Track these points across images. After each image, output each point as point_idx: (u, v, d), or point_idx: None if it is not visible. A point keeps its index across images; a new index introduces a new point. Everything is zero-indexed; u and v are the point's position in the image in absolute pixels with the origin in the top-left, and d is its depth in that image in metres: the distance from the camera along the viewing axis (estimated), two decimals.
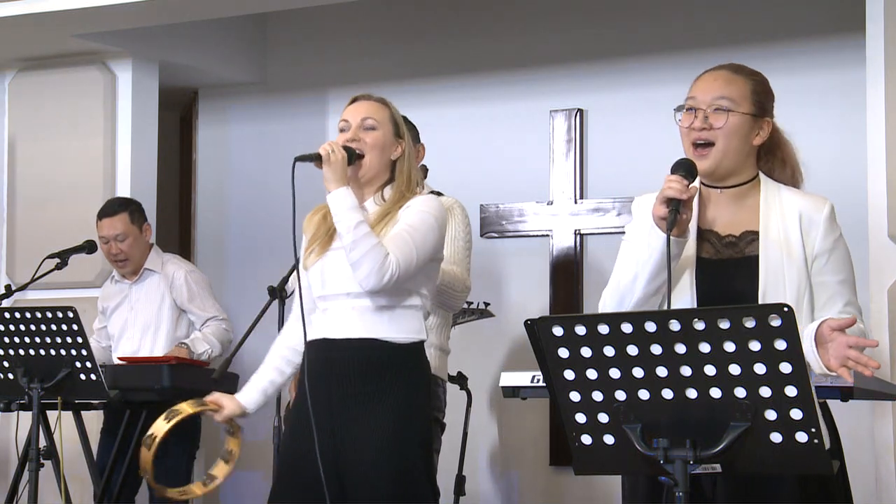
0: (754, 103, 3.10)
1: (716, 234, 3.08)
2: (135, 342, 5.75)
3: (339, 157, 3.62)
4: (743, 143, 3.08)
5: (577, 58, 6.52)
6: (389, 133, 3.75)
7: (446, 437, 4.84)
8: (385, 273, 3.55)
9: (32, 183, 6.80)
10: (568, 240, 6.42)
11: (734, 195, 3.11)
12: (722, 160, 3.07)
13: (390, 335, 3.65)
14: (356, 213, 3.58)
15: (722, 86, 3.10)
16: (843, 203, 5.52)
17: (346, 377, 3.64)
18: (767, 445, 2.56)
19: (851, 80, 5.59)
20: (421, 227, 3.64)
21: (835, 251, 3.05)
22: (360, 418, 3.62)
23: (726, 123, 3.06)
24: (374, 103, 3.79)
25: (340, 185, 3.61)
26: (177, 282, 5.76)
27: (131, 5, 5.91)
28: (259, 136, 7.15)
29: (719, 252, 3.06)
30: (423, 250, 3.63)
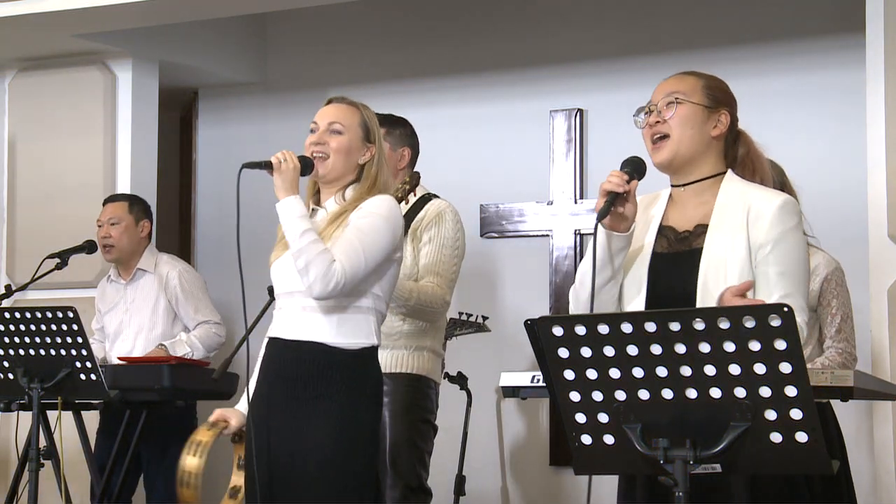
0: (706, 96, 3.15)
1: (673, 230, 3.13)
2: (129, 343, 5.75)
3: (290, 167, 3.66)
4: (697, 132, 3.12)
5: (577, 58, 6.52)
6: (357, 137, 3.77)
7: (446, 438, 4.85)
8: (331, 280, 3.56)
9: (32, 183, 6.80)
10: (568, 240, 6.42)
11: (696, 191, 3.15)
12: (677, 149, 3.11)
13: (337, 340, 3.65)
14: (303, 221, 3.61)
15: (672, 84, 3.18)
16: (843, 203, 5.58)
17: (291, 380, 3.67)
18: (767, 445, 2.56)
19: (851, 80, 5.59)
20: (369, 230, 3.64)
21: (780, 243, 3.02)
22: (301, 423, 3.63)
23: (676, 112, 3.12)
24: (344, 107, 3.82)
25: (289, 193, 3.65)
26: (170, 282, 5.76)
27: (131, 5, 5.91)
28: (259, 136, 7.14)
29: (671, 246, 3.11)
30: (371, 254, 3.63)
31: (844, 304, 4.28)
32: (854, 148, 5.43)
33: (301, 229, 3.60)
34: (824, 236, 4.43)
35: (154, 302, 5.76)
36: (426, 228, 4.50)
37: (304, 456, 3.61)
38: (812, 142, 5.88)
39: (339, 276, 3.56)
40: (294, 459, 3.61)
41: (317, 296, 3.59)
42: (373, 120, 3.82)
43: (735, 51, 6.10)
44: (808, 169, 5.16)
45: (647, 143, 3.17)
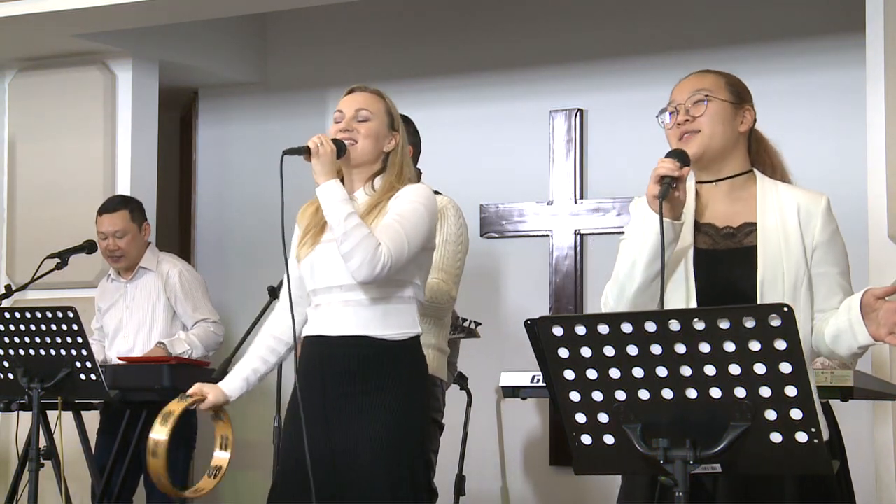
0: (731, 92, 3.15)
1: (713, 227, 3.10)
2: (129, 341, 5.74)
3: (327, 150, 3.62)
4: (727, 127, 3.12)
5: (577, 58, 6.52)
6: (383, 125, 3.75)
7: (446, 437, 4.84)
8: (377, 263, 3.53)
9: (32, 183, 6.80)
10: (568, 240, 6.42)
11: (729, 188, 3.13)
12: (709, 143, 3.10)
13: (384, 332, 3.64)
14: (346, 204, 3.58)
15: (695, 81, 3.17)
16: (843, 203, 5.52)
17: (341, 375, 3.64)
18: (767, 445, 2.56)
19: (851, 80, 5.60)
20: (411, 216, 3.63)
21: (833, 243, 3.06)
22: (355, 417, 3.62)
23: (707, 109, 3.11)
24: (369, 95, 3.80)
25: (329, 177, 3.61)
26: (170, 280, 5.76)
27: (131, 5, 5.91)
28: (259, 136, 7.15)
29: (717, 243, 3.08)
30: (414, 240, 3.61)
31: None
32: (854, 148, 5.43)
33: (345, 213, 3.56)
34: None
35: (154, 300, 5.75)
36: None
37: (363, 449, 3.58)
38: (812, 142, 5.88)
39: (386, 258, 3.54)
40: (354, 454, 3.59)
41: (363, 279, 3.55)
42: (395, 108, 3.82)
43: (735, 51, 6.10)
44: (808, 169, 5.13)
45: (671, 141, 3.14)
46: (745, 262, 3.03)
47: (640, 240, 3.03)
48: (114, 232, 5.74)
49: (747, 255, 3.03)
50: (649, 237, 3.00)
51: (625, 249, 3.12)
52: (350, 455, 3.60)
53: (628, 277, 3.06)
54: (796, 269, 3.02)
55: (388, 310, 3.65)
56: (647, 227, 3.01)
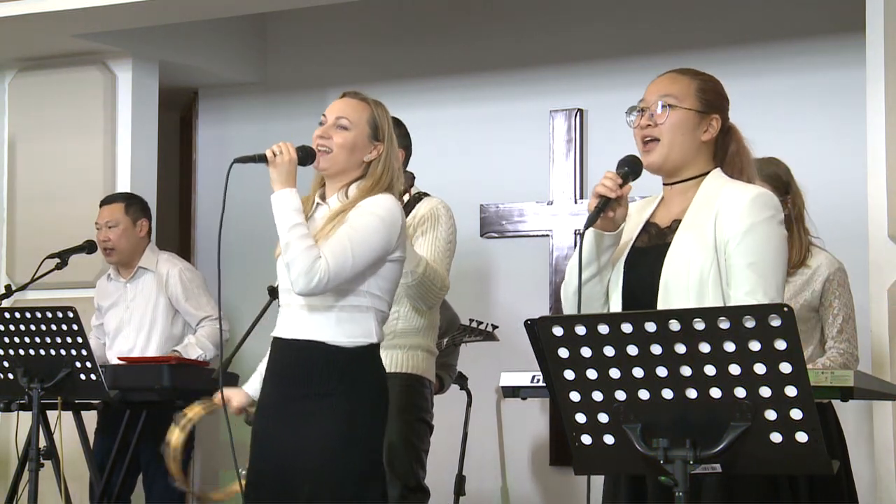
0: (699, 100, 3.14)
1: (656, 226, 3.14)
2: (130, 341, 5.74)
3: (285, 160, 3.64)
4: (688, 137, 3.12)
5: (577, 58, 6.52)
6: (363, 134, 3.74)
7: (446, 438, 4.85)
8: (314, 276, 3.53)
9: (32, 183, 6.80)
10: (568, 240, 6.42)
11: (682, 189, 3.15)
12: (668, 154, 3.11)
13: (336, 338, 3.64)
14: (294, 214, 3.59)
15: (665, 85, 3.16)
16: (842, 203, 5.57)
17: (291, 378, 3.67)
18: (767, 445, 2.56)
19: (851, 80, 5.59)
20: (363, 229, 3.62)
21: (749, 234, 2.99)
22: (302, 421, 3.63)
23: (667, 118, 3.11)
24: (354, 102, 3.79)
25: (284, 186, 3.63)
26: (171, 280, 5.76)
27: (131, 5, 5.91)
28: (259, 136, 7.13)
29: (650, 241, 3.12)
30: (361, 253, 3.60)
31: (846, 305, 4.28)
32: (854, 148, 5.43)
33: (291, 223, 3.58)
34: (824, 236, 4.43)
35: (154, 300, 5.75)
36: (419, 225, 4.50)
37: (305, 454, 3.60)
38: (812, 142, 5.88)
39: (323, 272, 3.54)
40: (296, 458, 3.61)
41: (299, 291, 3.58)
42: (384, 118, 3.78)
43: (735, 51, 6.10)
44: (808, 169, 5.15)
45: (637, 142, 3.17)
46: (660, 259, 3.05)
47: (578, 247, 3.09)
48: (106, 222, 5.77)
49: (662, 252, 3.05)
50: (584, 245, 3.08)
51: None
52: (295, 458, 3.62)
53: (568, 281, 3.15)
54: (703, 262, 3.00)
55: (341, 317, 3.65)
56: (585, 235, 3.08)
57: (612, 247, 3.08)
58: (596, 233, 3.04)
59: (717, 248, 3.00)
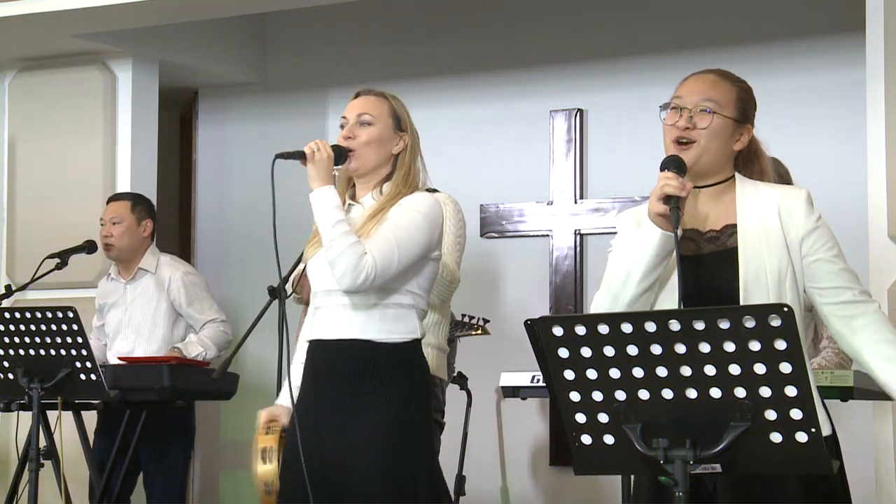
0: (738, 108, 3.11)
1: (697, 232, 3.10)
2: (129, 343, 5.74)
3: (323, 156, 3.60)
4: (724, 145, 3.10)
5: (577, 58, 6.52)
6: (388, 127, 3.72)
7: (446, 437, 4.85)
8: (360, 273, 3.51)
9: (32, 183, 6.80)
10: (568, 240, 6.42)
11: (712, 193, 3.12)
12: (701, 157, 3.07)
13: (381, 335, 3.62)
14: (336, 211, 3.56)
15: (708, 88, 3.12)
16: (843, 203, 5.57)
17: (340, 378, 3.62)
18: (767, 445, 2.56)
19: (851, 80, 5.59)
20: (407, 225, 3.60)
21: (819, 230, 3.05)
22: (352, 419, 3.60)
23: (710, 124, 3.07)
24: (372, 98, 3.77)
25: (323, 183, 3.59)
26: (173, 285, 5.74)
27: (131, 5, 5.91)
28: (259, 136, 7.15)
29: (700, 248, 3.08)
30: (406, 250, 3.58)
31: None
32: (854, 148, 5.43)
33: (334, 220, 3.54)
34: None
35: (155, 303, 5.75)
36: None
37: (358, 452, 3.57)
38: (812, 142, 5.89)
39: (370, 269, 3.51)
40: (349, 456, 3.57)
41: (346, 288, 3.54)
42: (402, 108, 3.78)
43: (735, 51, 6.11)
44: (808, 168, 5.15)
45: (666, 138, 3.11)
46: (727, 264, 3.02)
47: (636, 252, 3.01)
48: (110, 218, 5.77)
49: (730, 257, 3.03)
50: (647, 251, 2.98)
51: (615, 260, 3.11)
52: (345, 457, 3.58)
53: (621, 288, 3.02)
54: (779, 264, 3.00)
55: (384, 314, 3.63)
56: (645, 240, 2.99)
57: (671, 252, 3.00)
58: (663, 234, 2.95)
59: (789, 248, 3.01)
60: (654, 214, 2.96)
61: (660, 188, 2.96)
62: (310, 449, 3.57)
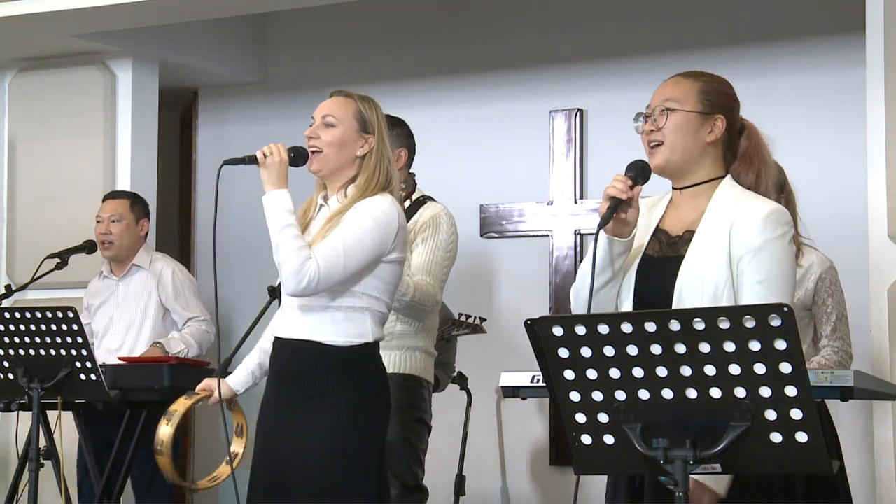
0: (701, 101, 3.14)
1: (666, 234, 3.13)
2: (118, 338, 5.73)
3: (276, 160, 3.64)
4: (690, 139, 3.12)
5: (577, 58, 6.52)
6: (351, 129, 3.74)
7: (446, 438, 4.85)
8: (303, 278, 3.54)
9: (32, 183, 6.80)
10: (568, 240, 6.42)
11: (692, 195, 3.15)
12: (670, 156, 3.12)
13: (331, 338, 3.65)
14: (286, 215, 3.59)
15: (668, 89, 3.17)
16: (843, 203, 5.58)
17: (289, 377, 3.69)
18: (767, 445, 2.56)
19: (851, 80, 5.59)
20: (356, 230, 3.61)
21: (762, 251, 3.00)
22: (300, 420, 3.64)
23: (667, 121, 3.12)
24: (339, 99, 3.80)
25: (276, 187, 3.63)
26: (164, 279, 5.77)
27: (131, 5, 5.91)
28: (259, 136, 7.09)
29: (662, 250, 3.11)
30: (353, 255, 3.60)
31: (839, 303, 4.30)
32: (854, 148, 5.43)
33: (282, 223, 3.58)
34: (824, 236, 4.43)
35: (147, 298, 5.76)
36: (420, 231, 4.51)
37: (302, 453, 3.61)
38: (812, 141, 5.88)
39: (312, 274, 3.54)
40: (293, 457, 3.61)
41: (290, 292, 3.59)
42: (371, 111, 3.78)
43: (735, 51, 6.11)
44: (808, 169, 5.16)
45: (644, 147, 3.18)
46: (672, 271, 3.04)
47: (590, 251, 3.08)
48: (109, 216, 5.77)
49: (676, 264, 3.05)
50: (598, 251, 3.06)
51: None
52: (294, 458, 3.62)
53: (581, 286, 3.14)
54: (716, 279, 2.99)
55: (336, 317, 3.66)
56: (598, 241, 3.06)
57: (625, 253, 3.07)
58: (609, 238, 3.04)
59: (731, 263, 3.01)
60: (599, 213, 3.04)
61: (605, 189, 3.03)
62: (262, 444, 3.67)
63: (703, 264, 3.01)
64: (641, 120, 3.17)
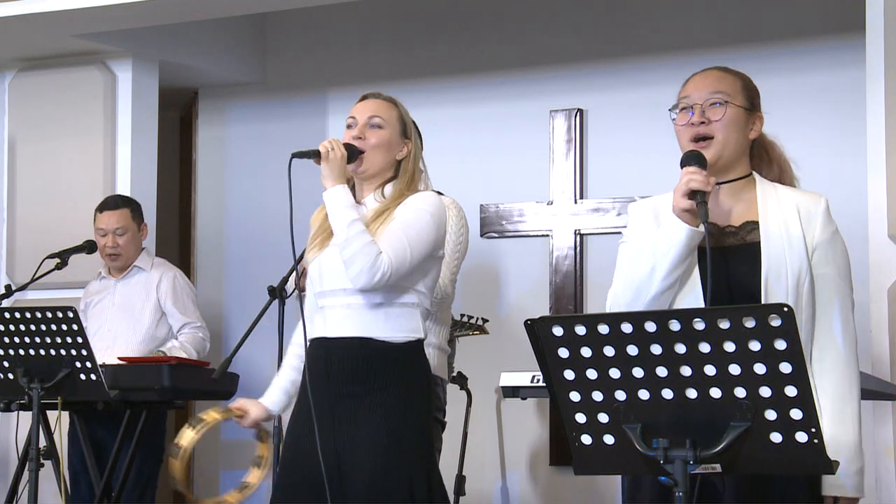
0: (746, 98, 3.13)
1: (715, 226, 3.08)
2: (111, 336, 5.72)
3: (337, 155, 3.61)
4: (741, 135, 3.10)
5: (577, 58, 6.52)
6: (396, 132, 3.75)
7: (446, 437, 4.85)
8: (377, 271, 3.53)
9: (32, 183, 6.80)
10: (568, 240, 6.42)
11: (731, 190, 3.11)
12: (722, 151, 3.07)
13: (385, 334, 3.63)
14: (351, 210, 3.57)
15: (715, 82, 3.13)
16: (843, 203, 5.52)
17: (342, 377, 3.63)
18: (767, 445, 2.56)
19: (851, 80, 5.59)
20: (416, 224, 3.62)
21: (833, 243, 3.04)
22: (357, 419, 3.61)
23: (724, 115, 3.08)
24: (382, 102, 3.80)
25: (337, 182, 3.60)
26: (164, 283, 5.77)
27: (131, 5, 5.91)
28: (259, 136, 7.14)
29: (719, 241, 3.06)
30: (417, 248, 3.60)
31: None
32: (854, 148, 5.43)
33: (349, 219, 3.55)
34: None
35: (143, 299, 5.76)
36: None
37: (361, 450, 3.57)
38: (812, 142, 5.88)
39: (386, 267, 3.53)
40: (351, 454, 3.58)
41: (362, 287, 3.55)
42: (408, 115, 3.82)
43: (735, 51, 6.10)
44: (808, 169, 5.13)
45: (681, 140, 3.10)
46: (749, 259, 3.01)
47: (661, 248, 2.98)
48: (115, 229, 5.75)
49: (751, 252, 3.02)
50: (673, 246, 2.96)
51: (627, 253, 3.10)
52: (353, 457, 3.59)
53: (646, 283, 3.00)
54: (799, 266, 3.00)
55: (389, 313, 3.64)
56: (671, 236, 2.97)
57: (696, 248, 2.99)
58: (690, 230, 2.94)
59: (807, 254, 3.01)
60: (680, 210, 2.95)
61: (684, 183, 2.95)
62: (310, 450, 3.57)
63: (783, 252, 2.99)
64: (679, 112, 3.10)
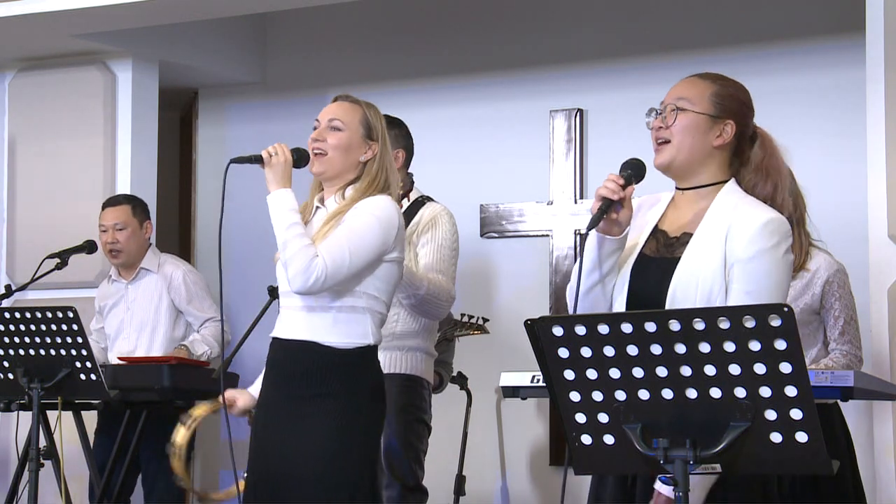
0: (713, 104, 3.11)
1: (664, 234, 3.11)
2: (131, 342, 5.74)
3: (280, 160, 3.68)
4: (698, 141, 3.10)
5: (577, 58, 6.52)
6: (356, 135, 3.77)
7: (446, 438, 4.85)
8: (311, 275, 3.55)
9: (32, 183, 6.80)
10: (568, 240, 6.42)
11: (694, 197, 3.12)
12: (676, 156, 3.10)
13: (330, 339, 3.66)
14: (291, 214, 3.62)
15: (683, 88, 3.16)
16: (842, 203, 5.57)
17: (288, 379, 3.69)
18: (767, 445, 2.56)
19: (851, 81, 5.59)
20: (360, 229, 3.64)
21: (753, 261, 2.97)
22: (299, 421, 3.65)
23: (677, 120, 3.10)
24: (346, 105, 3.83)
25: (279, 186, 3.66)
26: (175, 282, 5.77)
27: (131, 5, 5.91)
28: (259, 136, 7.13)
29: (658, 251, 3.09)
30: (357, 253, 3.62)
31: (848, 307, 4.28)
32: (854, 148, 5.43)
33: (288, 222, 3.61)
34: (824, 236, 4.42)
35: (157, 301, 5.76)
36: (423, 233, 4.51)
37: (299, 455, 3.61)
38: (812, 142, 5.88)
39: (320, 271, 3.55)
40: (290, 458, 3.62)
41: (297, 290, 3.60)
42: (376, 118, 3.82)
43: (735, 51, 6.10)
44: (808, 169, 5.14)
45: (653, 143, 3.16)
46: (667, 272, 3.02)
47: (583, 249, 3.08)
48: (114, 224, 5.76)
49: (671, 266, 3.03)
50: (588, 250, 3.06)
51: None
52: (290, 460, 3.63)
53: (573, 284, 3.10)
54: (711, 282, 2.97)
55: (337, 318, 3.67)
56: (588, 239, 3.06)
57: (617, 252, 3.06)
58: (599, 237, 3.03)
59: (725, 269, 2.99)
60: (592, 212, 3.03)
61: (598, 188, 3.02)
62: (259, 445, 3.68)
63: (698, 268, 2.99)
64: (653, 115, 3.16)
